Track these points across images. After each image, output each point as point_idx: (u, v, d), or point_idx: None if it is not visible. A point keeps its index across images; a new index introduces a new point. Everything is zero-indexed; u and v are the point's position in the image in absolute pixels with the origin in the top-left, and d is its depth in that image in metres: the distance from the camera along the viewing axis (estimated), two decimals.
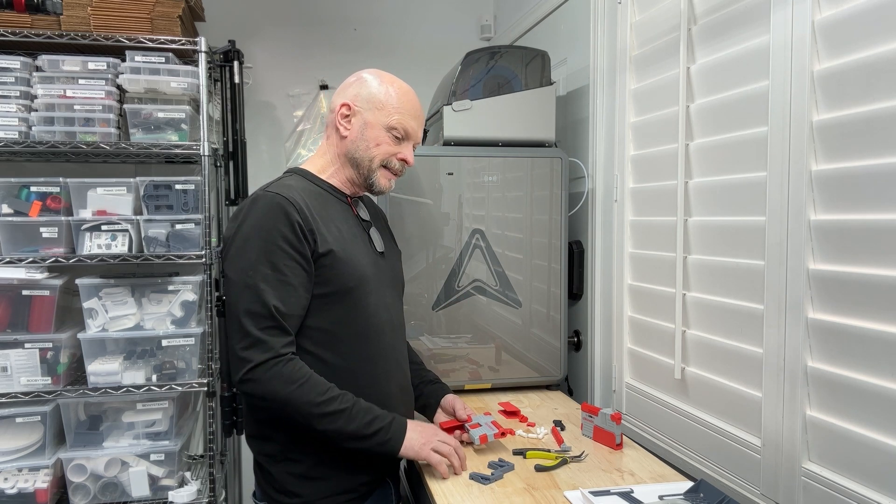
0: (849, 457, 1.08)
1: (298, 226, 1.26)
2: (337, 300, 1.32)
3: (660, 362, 1.62)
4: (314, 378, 1.26)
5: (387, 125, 1.38)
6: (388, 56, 2.82)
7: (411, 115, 1.41)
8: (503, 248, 1.92)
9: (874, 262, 1.04)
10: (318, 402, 1.24)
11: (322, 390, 1.25)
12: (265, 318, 1.23)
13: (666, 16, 1.58)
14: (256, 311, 1.23)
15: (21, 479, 2.03)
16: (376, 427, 1.28)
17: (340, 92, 1.42)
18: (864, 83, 1.05)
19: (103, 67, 2.07)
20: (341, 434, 1.25)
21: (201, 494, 2.17)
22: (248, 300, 1.24)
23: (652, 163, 1.67)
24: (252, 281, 1.24)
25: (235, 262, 1.27)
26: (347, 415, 1.25)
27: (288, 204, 1.27)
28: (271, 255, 1.25)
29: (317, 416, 1.24)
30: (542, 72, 1.96)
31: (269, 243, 1.25)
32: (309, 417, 1.24)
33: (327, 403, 1.24)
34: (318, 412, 1.24)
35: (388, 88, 1.39)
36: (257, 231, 1.26)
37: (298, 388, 1.23)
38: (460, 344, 1.92)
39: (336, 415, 1.24)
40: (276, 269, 1.24)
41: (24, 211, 2.04)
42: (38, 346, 2.03)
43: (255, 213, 1.28)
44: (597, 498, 1.21)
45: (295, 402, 1.23)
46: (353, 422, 1.26)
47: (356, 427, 1.26)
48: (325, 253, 1.29)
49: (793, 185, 1.18)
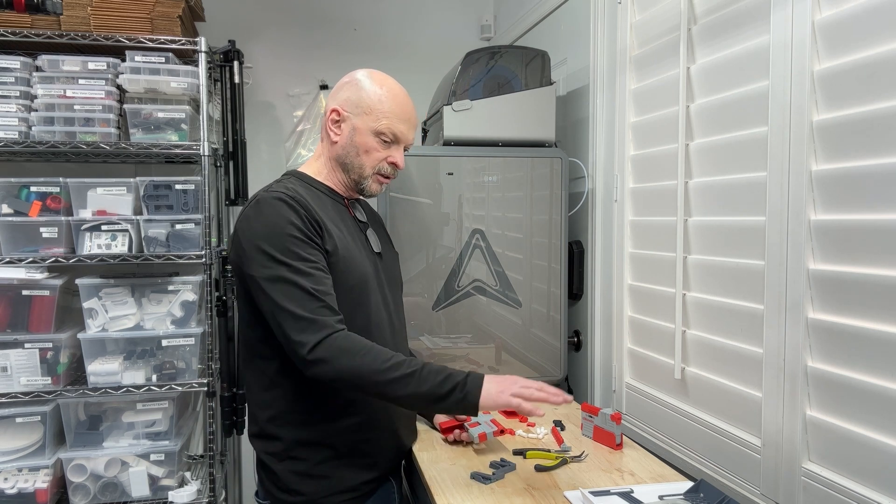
0: (849, 457, 1.08)
1: (306, 217, 1.28)
2: (339, 299, 1.32)
3: (660, 362, 1.62)
4: (377, 347, 1.25)
5: (375, 130, 1.37)
6: (388, 56, 2.82)
7: (400, 118, 1.39)
8: (503, 248, 1.92)
9: (874, 262, 1.04)
10: (384, 369, 1.21)
11: (387, 356, 1.23)
12: (310, 301, 1.23)
13: (666, 16, 1.58)
14: (298, 297, 1.22)
15: (21, 479, 2.03)
16: (450, 385, 1.24)
17: (333, 94, 1.42)
18: (864, 83, 1.05)
19: (103, 67, 2.07)
20: (416, 396, 1.23)
21: (201, 494, 2.17)
22: (287, 291, 1.23)
23: (652, 163, 1.67)
24: (283, 273, 1.23)
25: (258, 263, 1.26)
26: (418, 377, 1.23)
27: (292, 200, 1.28)
28: (292, 246, 1.25)
29: (386, 383, 1.21)
30: (542, 72, 1.96)
31: (285, 237, 1.25)
32: (380, 385, 1.22)
33: (395, 368, 1.22)
34: (387, 378, 1.21)
35: (378, 91, 1.37)
36: (270, 228, 1.26)
37: (362, 357, 1.22)
38: (460, 344, 1.92)
39: (406, 378, 1.22)
40: (301, 259, 1.25)
41: (24, 211, 2.04)
42: (38, 346, 2.03)
43: (262, 214, 1.28)
44: (597, 498, 1.21)
45: (364, 373, 1.21)
46: (426, 383, 1.23)
47: (430, 388, 1.23)
48: (331, 250, 1.31)
49: (793, 185, 1.18)
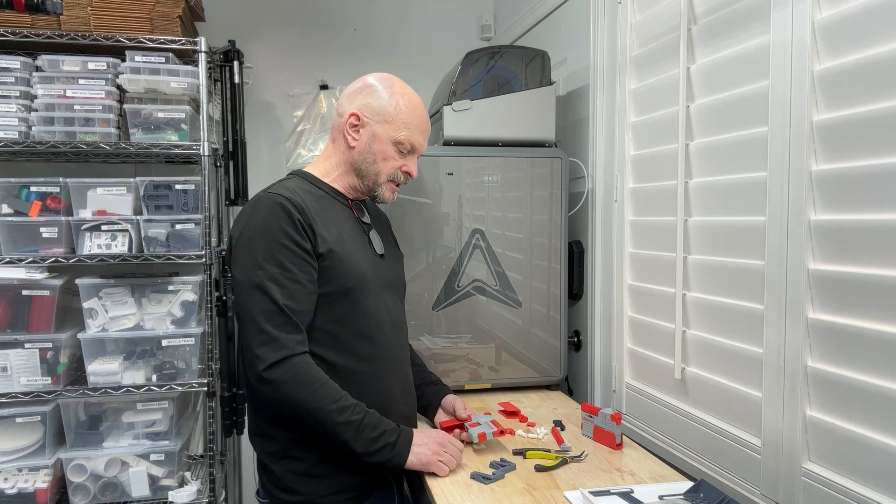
0: (849, 457, 1.08)
1: (300, 223, 1.28)
2: (336, 300, 1.33)
3: (660, 362, 1.62)
4: (328, 384, 1.27)
5: (395, 140, 1.39)
6: (388, 56, 2.82)
7: (419, 129, 1.41)
8: (503, 248, 1.92)
9: (874, 262, 1.04)
10: (330, 410, 1.25)
11: (335, 398, 1.26)
12: (277, 315, 1.24)
13: (666, 16, 1.58)
14: (268, 309, 1.24)
15: (21, 479, 2.03)
16: (382, 443, 1.29)
17: (349, 98, 1.41)
18: (864, 83, 1.05)
19: (103, 67, 2.07)
20: (348, 447, 1.27)
21: (201, 494, 2.17)
22: (259, 299, 1.25)
23: (652, 163, 1.67)
24: (260, 280, 1.25)
25: (242, 264, 1.29)
26: (356, 427, 1.26)
27: (288, 203, 1.29)
28: (277, 254, 1.26)
29: (327, 424, 1.25)
30: (542, 72, 1.96)
31: (273, 242, 1.26)
32: (319, 423, 1.26)
33: (339, 413, 1.25)
34: (329, 419, 1.25)
35: (399, 102, 1.39)
36: (261, 232, 1.27)
37: (312, 393, 1.24)
38: (460, 344, 1.92)
39: (346, 426, 1.26)
40: (283, 268, 1.26)
41: (24, 211, 2.04)
42: (38, 346, 2.03)
43: (258, 215, 1.29)
44: (597, 498, 1.21)
45: (308, 407, 1.24)
46: (361, 435, 1.27)
47: (363, 442, 1.27)
48: (325, 253, 1.31)
49: (793, 185, 1.18)
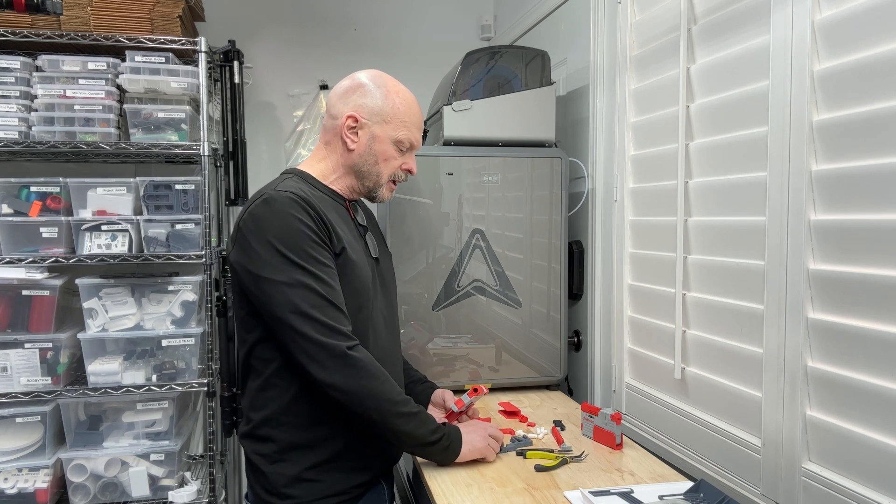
0: (849, 457, 1.08)
1: (318, 218, 1.28)
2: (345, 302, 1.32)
3: (660, 362, 1.62)
4: (389, 376, 1.29)
5: (394, 139, 1.38)
6: (388, 56, 2.82)
7: (417, 126, 1.42)
8: (503, 248, 1.92)
9: (874, 262, 1.04)
10: (397, 401, 1.26)
11: (399, 389, 1.29)
12: (328, 307, 1.24)
13: (666, 16, 1.58)
14: (317, 303, 1.23)
15: (21, 479, 2.03)
16: (440, 434, 1.32)
17: (341, 99, 1.38)
18: (864, 83, 1.05)
19: (103, 67, 2.07)
20: (412, 436, 1.29)
21: (201, 494, 2.17)
22: (305, 296, 1.23)
23: (652, 163, 1.67)
24: (298, 277, 1.23)
25: (272, 265, 1.24)
26: (419, 419, 1.29)
27: (303, 201, 1.27)
28: (307, 248, 1.25)
29: (394, 415, 1.26)
30: (542, 72, 1.96)
31: (299, 238, 1.24)
32: (386, 415, 1.26)
33: (405, 403, 1.28)
34: (396, 411, 1.26)
35: (395, 100, 1.38)
36: (284, 230, 1.25)
37: (382, 382, 1.26)
38: (460, 344, 1.92)
39: (411, 416, 1.28)
40: (316, 261, 1.25)
41: (24, 211, 2.04)
42: (38, 346, 2.03)
43: (276, 213, 1.26)
44: (597, 498, 1.21)
45: (378, 397, 1.25)
46: (423, 426, 1.30)
47: (425, 431, 1.30)
48: (340, 251, 1.31)
49: (793, 185, 1.18)
